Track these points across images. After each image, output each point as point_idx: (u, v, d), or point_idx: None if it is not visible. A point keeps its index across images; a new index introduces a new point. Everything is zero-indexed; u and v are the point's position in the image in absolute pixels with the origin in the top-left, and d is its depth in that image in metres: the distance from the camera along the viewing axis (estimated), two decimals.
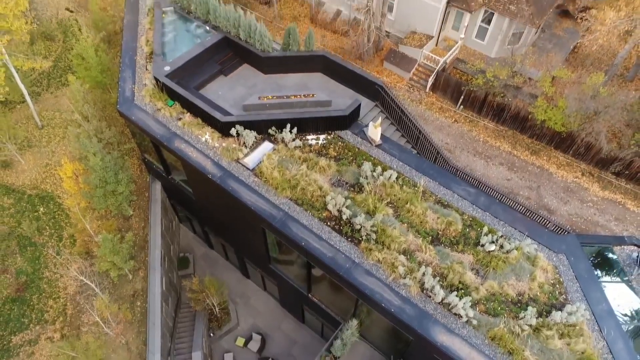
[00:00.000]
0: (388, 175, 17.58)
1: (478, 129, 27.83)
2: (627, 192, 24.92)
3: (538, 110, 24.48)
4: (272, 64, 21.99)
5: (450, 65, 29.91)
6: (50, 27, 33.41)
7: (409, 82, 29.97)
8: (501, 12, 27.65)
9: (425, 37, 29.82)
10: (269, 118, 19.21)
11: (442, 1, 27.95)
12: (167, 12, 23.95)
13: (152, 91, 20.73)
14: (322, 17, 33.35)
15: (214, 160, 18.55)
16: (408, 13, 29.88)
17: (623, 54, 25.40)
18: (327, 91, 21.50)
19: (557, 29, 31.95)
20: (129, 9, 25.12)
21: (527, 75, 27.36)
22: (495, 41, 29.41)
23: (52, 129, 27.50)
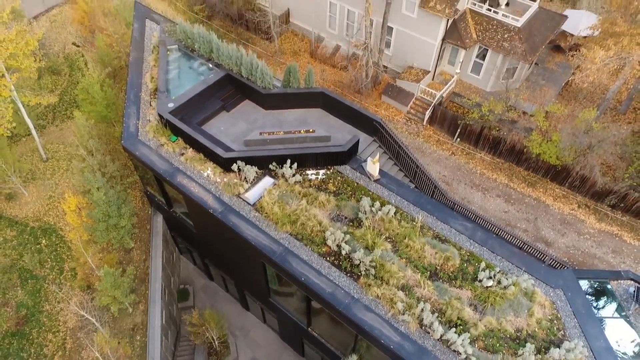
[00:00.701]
0: (386, 210, 17.89)
1: (475, 161, 28.31)
2: (623, 225, 25.19)
3: (533, 144, 25.02)
4: (273, 100, 22.61)
5: (447, 99, 30.65)
6: (57, 62, 34.36)
7: (406, 115, 30.64)
8: (495, 48, 28.53)
9: (422, 71, 30.65)
10: (269, 154, 19.66)
11: (437, 38, 28.88)
12: (172, 50, 24.73)
13: (156, 127, 21.26)
14: (321, 52, 34.31)
15: (216, 195, 18.89)
16: (405, 49, 30.81)
17: (614, 89, 26.12)
18: (326, 126, 22.04)
19: (550, 63, 32.87)
20: (134, 46, 25.94)
21: (522, 109, 28.03)
22: (490, 76, 30.23)
23: (57, 161, 27.96)
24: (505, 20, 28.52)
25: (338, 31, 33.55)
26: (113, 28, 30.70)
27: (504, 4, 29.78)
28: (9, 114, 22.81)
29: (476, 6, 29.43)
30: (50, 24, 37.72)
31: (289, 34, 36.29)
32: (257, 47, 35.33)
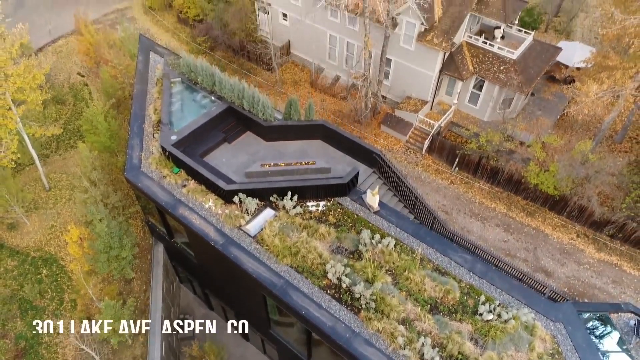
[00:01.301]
0: (386, 243, 18.04)
1: (474, 190, 28.57)
2: (622, 254, 25.27)
3: (530, 175, 25.33)
4: (274, 132, 23.01)
5: (445, 129, 31.12)
6: (62, 92, 34.98)
7: (405, 144, 31.06)
8: (491, 80, 29.16)
9: (420, 102, 31.23)
10: (270, 186, 19.92)
11: (435, 70, 29.54)
12: (175, 83, 25.29)
13: (159, 159, 21.59)
14: (321, 82, 34.99)
15: (217, 227, 19.06)
16: (403, 80, 31.46)
17: (609, 120, 26.59)
18: (326, 158, 22.37)
19: (546, 93, 33.50)
20: (138, 78, 26.52)
21: (519, 139, 28.45)
22: (487, 106, 30.79)
23: (59, 190, 28.20)
24: (501, 52, 29.23)
25: (338, 62, 34.30)
26: (117, 60, 31.40)
27: (500, 37, 30.56)
28: (14, 145, 23.17)
29: (472, 39, 30.19)
30: (56, 54, 38.56)
31: (290, 64, 37.06)
32: (258, 77, 36.03)
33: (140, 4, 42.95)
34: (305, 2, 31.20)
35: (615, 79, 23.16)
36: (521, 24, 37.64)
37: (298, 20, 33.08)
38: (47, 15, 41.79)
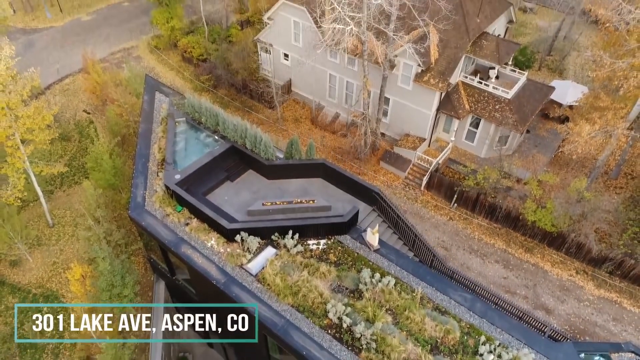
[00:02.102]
0: (386, 282, 18.25)
1: (472, 226, 28.88)
2: (622, 291, 25.35)
3: (528, 212, 25.72)
4: (276, 171, 23.53)
5: (443, 165, 31.70)
6: (68, 128, 35.77)
7: (404, 180, 31.58)
8: (487, 118, 29.96)
9: (418, 139, 31.94)
10: (272, 225, 20.27)
11: (432, 108, 30.38)
12: (180, 122, 26.00)
13: (162, 197, 22.01)
14: (322, 119, 35.84)
15: (219, 265, 19.29)
16: (401, 118, 32.29)
17: (602, 159, 27.20)
18: (326, 196, 22.80)
19: (541, 130, 34.28)
20: (144, 117, 27.25)
21: (516, 176, 28.97)
22: (484, 143, 31.48)
23: (62, 227, 28.51)
24: (496, 92, 30.14)
25: (338, 100, 35.24)
26: (123, 99, 32.29)
27: (494, 77, 31.55)
28: (20, 184, 23.65)
29: (468, 79, 31.17)
30: (63, 92, 39.61)
31: (291, 102, 38.04)
32: (260, 114, 36.91)
33: (146, 44, 44.37)
34: (306, 44, 32.38)
35: (607, 119, 23.88)
36: (515, 63, 38.82)
37: (299, 60, 34.20)
38: (56, 54, 43.12)
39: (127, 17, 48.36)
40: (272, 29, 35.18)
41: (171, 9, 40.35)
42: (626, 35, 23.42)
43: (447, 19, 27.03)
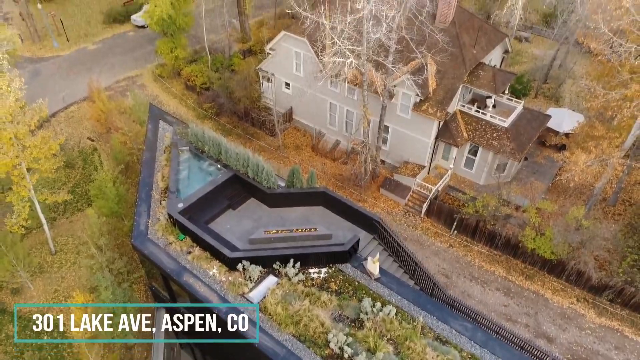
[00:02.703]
0: (387, 311, 18.35)
1: (473, 253, 29.02)
2: (623, 320, 25.31)
3: (527, 239, 25.91)
4: (277, 199, 23.85)
5: (443, 192, 32.04)
6: (72, 155, 36.24)
7: (404, 207, 31.86)
8: (485, 146, 30.45)
9: (417, 166, 32.38)
10: (273, 253, 20.50)
11: (431, 137, 30.91)
12: (183, 151, 26.46)
13: (165, 226, 22.28)
14: (322, 146, 36.37)
15: (220, 294, 19.41)
16: (401, 146, 32.81)
17: (599, 187, 27.54)
18: (327, 224, 23.05)
19: (539, 157, 34.73)
20: (148, 146, 27.74)
21: (515, 203, 29.26)
22: (483, 171, 31.89)
23: (65, 254, 28.65)
24: (493, 121, 30.72)
25: (338, 128, 35.84)
26: (128, 127, 32.88)
27: (491, 106, 32.20)
28: (25, 212, 23.94)
29: (465, 108, 31.81)
30: (68, 119, 40.27)
31: (292, 129, 38.64)
32: (261, 141, 37.46)
33: (151, 72, 45.30)
34: (307, 73, 33.16)
35: (603, 148, 24.32)
36: (512, 91, 39.61)
37: (300, 89, 34.94)
38: (62, 82, 43.97)
39: (132, 46, 49.47)
40: (273, 59, 36.06)
41: (175, 39, 41.38)
42: (618, 67, 24.07)
43: (444, 50, 27.82)
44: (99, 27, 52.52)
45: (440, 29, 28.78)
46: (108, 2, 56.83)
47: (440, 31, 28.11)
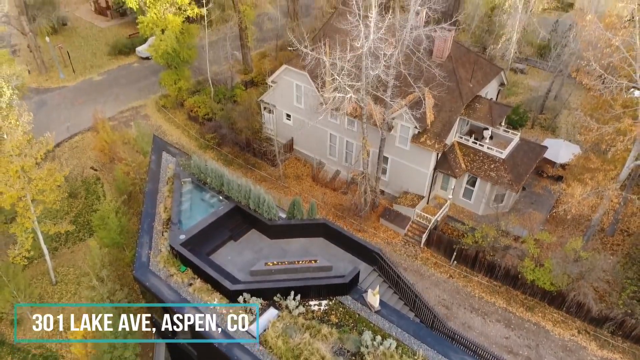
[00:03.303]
0: (388, 345, 18.41)
1: (472, 284, 29.06)
2: (625, 352, 25.18)
3: (526, 271, 26.04)
4: (278, 231, 24.13)
5: (442, 222, 32.29)
6: (75, 185, 36.63)
7: (404, 237, 32.05)
8: (483, 177, 30.90)
9: (416, 197, 32.74)
10: (274, 286, 20.68)
11: (429, 168, 31.40)
12: (186, 182, 26.87)
13: (167, 257, 22.51)
14: (322, 177, 36.82)
15: (221, 327, 19.48)
16: (400, 176, 33.26)
17: (596, 218, 27.84)
18: (328, 255, 23.26)
19: (537, 187, 35.13)
20: (151, 177, 28.20)
21: (514, 234, 29.48)
22: (481, 201, 32.25)
23: (65, 285, 28.70)
24: (491, 152, 31.26)
25: (338, 158, 36.38)
26: (131, 157, 33.39)
27: (488, 137, 32.79)
28: (28, 243, 24.18)
29: (463, 139, 32.40)
30: (72, 149, 40.87)
31: (293, 159, 39.18)
32: (262, 171, 37.93)
33: (154, 103, 46.19)
34: (308, 105, 33.90)
35: (598, 180, 24.74)
36: (509, 122, 40.36)
37: (301, 120, 35.65)
38: (67, 112, 44.79)
39: (136, 77, 50.56)
40: (275, 91, 36.90)
41: (179, 71, 42.39)
42: (611, 101, 24.74)
43: (441, 85, 28.58)
44: (105, 59, 53.76)
45: (438, 63, 29.63)
46: (114, 34, 58.38)
47: (438, 66, 28.96)
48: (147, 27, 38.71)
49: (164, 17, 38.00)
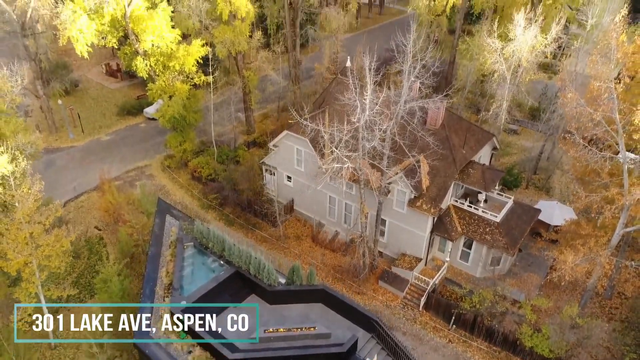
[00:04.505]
0: None
1: (472, 350, 28.94)
2: None
3: (524, 337, 26.11)
4: (278, 296, 24.58)
5: (440, 284, 32.58)
6: (79, 245, 37.18)
7: (402, 300, 32.23)
8: (479, 241, 31.56)
9: (414, 259, 33.25)
10: (273, 354, 20.89)
11: (426, 231, 32.14)
12: (188, 247, 27.57)
13: (167, 323, 22.79)
14: (322, 237, 37.47)
15: None
16: (398, 238, 33.93)
17: (591, 284, 28.20)
18: (326, 321, 23.58)
19: (533, 249, 35.64)
20: (154, 240, 28.88)
21: (511, 297, 29.71)
22: (478, 264, 32.71)
23: (64, 349, 28.64)
24: (485, 215, 32.10)
25: (337, 219, 37.20)
26: (135, 219, 34.21)
27: (483, 201, 33.75)
28: (30, 308, 24.46)
29: (458, 202, 33.35)
30: (77, 209, 41.80)
31: (293, 219, 39.99)
32: (263, 232, 38.62)
33: (159, 163, 47.67)
34: (308, 169, 35.16)
35: (590, 247, 25.36)
36: (503, 182, 41.52)
37: (301, 183, 36.80)
38: (74, 172, 46.12)
39: (143, 137, 52.39)
40: (276, 154, 38.32)
41: (184, 134, 44.11)
42: (598, 170, 25.83)
43: (435, 152, 29.90)
44: (114, 119, 55.89)
45: (431, 131, 31.11)
46: (123, 95, 61.02)
47: (432, 134, 30.42)
48: (155, 93, 40.79)
49: (172, 85, 40.13)
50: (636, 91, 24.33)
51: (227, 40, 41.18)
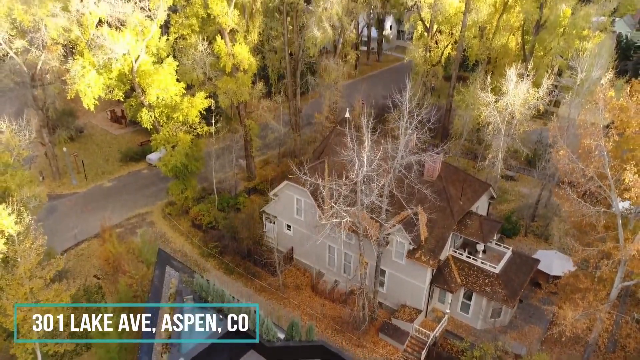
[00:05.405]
0: None
1: None
2: None
3: None
4: (276, 353, 24.39)
5: (441, 337, 32.24)
6: (77, 295, 36.97)
7: (403, 353, 31.81)
8: (478, 292, 31.51)
9: (414, 311, 33.06)
10: None
11: (426, 282, 32.14)
12: (188, 300, 27.55)
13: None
14: (322, 287, 37.34)
15: None
16: (398, 289, 33.87)
17: (592, 338, 27.96)
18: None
19: (533, 299, 35.44)
20: (153, 293, 28.88)
21: (513, 351, 29.37)
22: (479, 315, 32.49)
23: None
24: (484, 267, 32.19)
25: (337, 269, 37.24)
26: (135, 269, 34.25)
27: (481, 251, 33.91)
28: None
29: (457, 253, 33.51)
30: (77, 257, 41.86)
31: (292, 268, 39.98)
32: (262, 281, 38.51)
33: (160, 210, 48.07)
34: (308, 218, 35.54)
35: (589, 301, 25.35)
36: (502, 230, 41.71)
37: (301, 232, 37.09)
38: (76, 219, 46.45)
39: (144, 184, 53.04)
40: (276, 203, 38.81)
41: (186, 182, 44.79)
42: (594, 223, 26.15)
43: (433, 205, 30.37)
44: (116, 165, 56.72)
45: (429, 183, 31.71)
46: (127, 141, 62.18)
47: (429, 185, 31.00)
48: (159, 143, 41.76)
49: (175, 135, 41.14)
50: (625, 147, 25.05)
51: (229, 91, 42.56)
